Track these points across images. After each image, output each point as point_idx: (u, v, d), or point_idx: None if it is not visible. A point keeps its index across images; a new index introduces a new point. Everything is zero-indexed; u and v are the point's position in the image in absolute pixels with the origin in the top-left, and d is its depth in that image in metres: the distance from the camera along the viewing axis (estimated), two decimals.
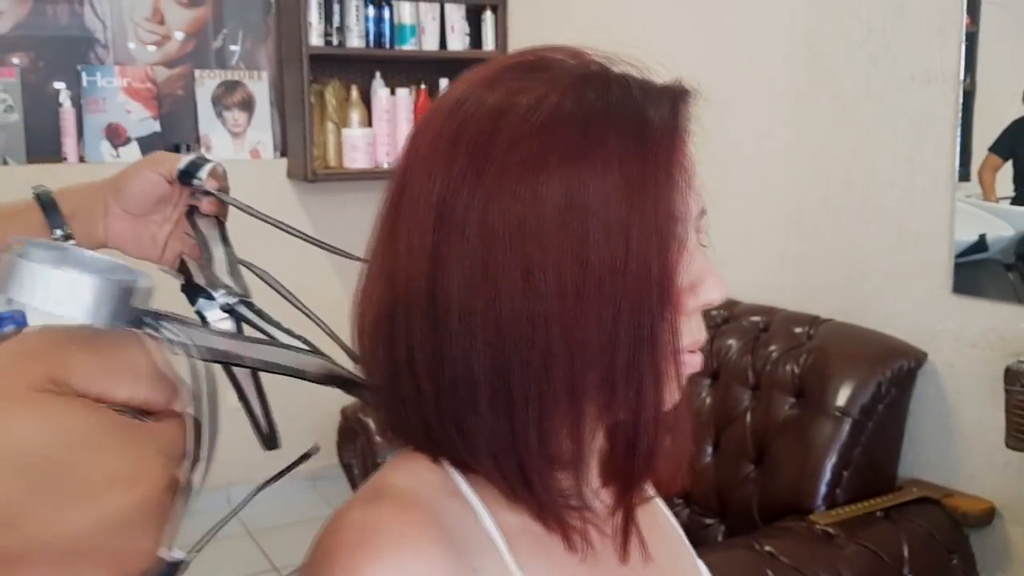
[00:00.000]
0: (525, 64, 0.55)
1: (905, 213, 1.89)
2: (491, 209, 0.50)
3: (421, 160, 0.54)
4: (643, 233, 0.49)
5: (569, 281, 0.49)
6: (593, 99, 0.51)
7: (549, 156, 0.50)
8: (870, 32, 1.93)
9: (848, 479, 1.77)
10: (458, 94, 0.55)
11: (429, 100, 3.17)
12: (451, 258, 0.51)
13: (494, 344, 0.50)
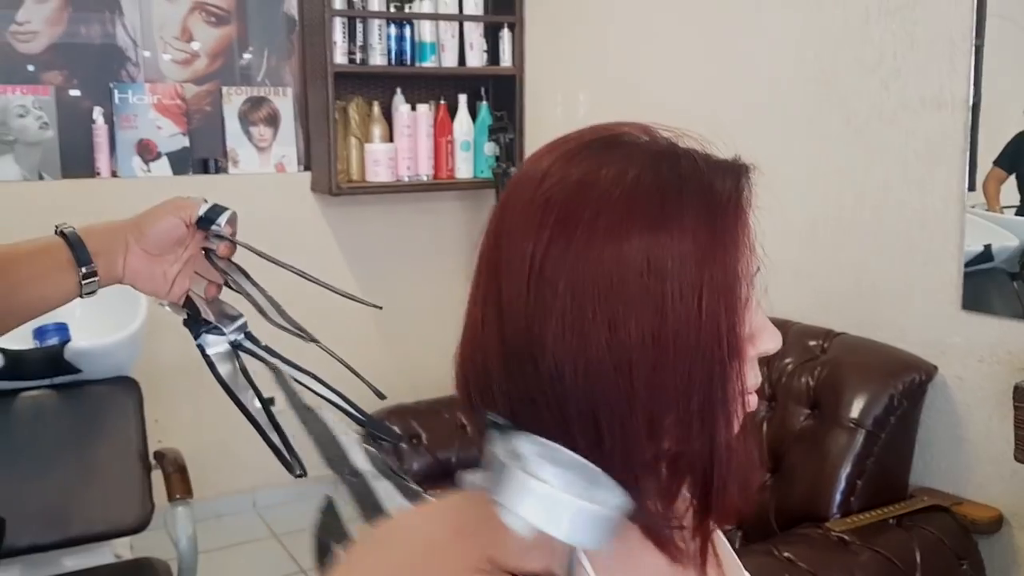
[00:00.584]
0: (603, 141, 0.63)
1: (916, 232, 1.97)
2: (580, 270, 0.58)
3: (513, 226, 0.62)
4: (713, 293, 0.57)
5: (649, 334, 0.57)
6: (666, 174, 0.59)
7: (630, 225, 0.58)
8: (882, 57, 2.01)
9: (862, 488, 1.85)
10: (543, 168, 0.63)
11: (448, 115, 3.25)
12: (544, 312, 0.59)
13: (584, 388, 0.58)
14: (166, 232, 0.87)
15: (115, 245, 0.86)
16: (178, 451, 2.17)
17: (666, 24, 2.59)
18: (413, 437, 2.53)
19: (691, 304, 0.57)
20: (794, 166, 2.23)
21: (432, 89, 3.29)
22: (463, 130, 3.27)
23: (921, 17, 1.92)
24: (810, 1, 2.15)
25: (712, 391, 0.58)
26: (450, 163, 3.27)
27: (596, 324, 0.57)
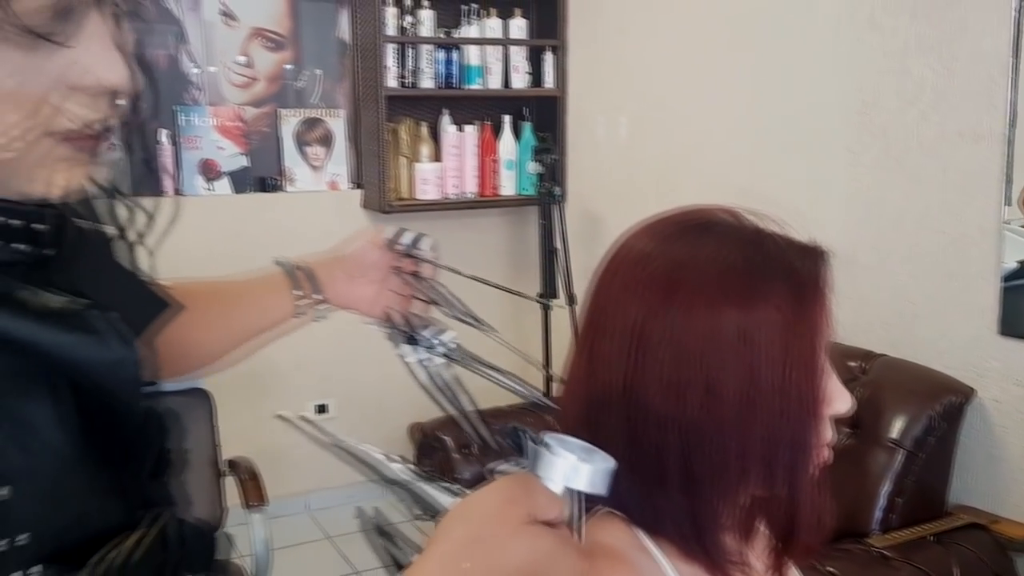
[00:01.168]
0: (698, 225, 0.73)
1: (953, 259, 2.05)
2: (680, 338, 0.68)
3: (617, 296, 0.72)
4: (796, 362, 0.67)
5: (741, 395, 0.67)
6: (755, 256, 0.70)
7: (725, 301, 0.68)
8: (921, 90, 2.09)
9: (902, 505, 1.93)
10: (643, 246, 0.73)
11: (493, 135, 3.37)
12: (646, 373, 0.69)
13: (681, 441, 0.68)
14: (361, 255, 0.99)
15: (324, 274, 0.99)
16: (250, 459, 2.29)
17: (707, 49, 2.69)
18: (463, 447, 2.64)
19: (778, 372, 0.67)
20: (833, 190, 2.31)
21: (478, 110, 3.40)
22: (507, 149, 3.38)
23: (960, 53, 2.00)
24: (851, 34, 2.24)
25: (794, 447, 0.68)
26: (495, 181, 3.38)
27: (694, 387, 0.68)
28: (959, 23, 1.99)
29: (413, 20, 3.17)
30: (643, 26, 2.95)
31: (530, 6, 3.37)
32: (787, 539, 0.72)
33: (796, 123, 2.41)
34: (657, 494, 0.70)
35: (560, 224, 3.18)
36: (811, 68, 2.36)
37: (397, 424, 3.37)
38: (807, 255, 0.71)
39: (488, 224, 3.50)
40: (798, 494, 0.69)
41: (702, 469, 0.69)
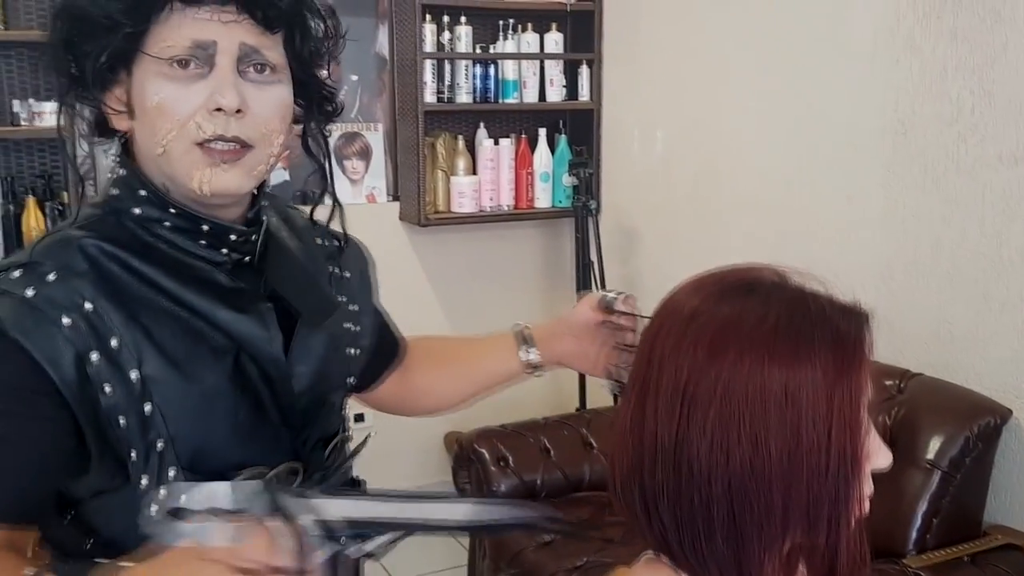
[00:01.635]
0: (745, 285, 0.77)
1: (991, 281, 2.06)
2: (727, 397, 0.72)
3: (667, 354, 0.76)
4: (839, 421, 0.71)
5: (786, 454, 0.71)
6: (799, 317, 0.73)
7: (770, 361, 0.71)
8: (959, 113, 2.10)
9: (937, 526, 1.94)
10: (693, 306, 0.77)
11: (529, 148, 3.41)
12: (694, 428, 0.73)
13: (728, 495, 0.72)
14: (582, 317, 1.06)
15: (552, 336, 1.07)
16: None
17: (744, 66, 2.70)
18: (500, 459, 2.68)
19: (821, 430, 0.70)
20: (871, 209, 2.32)
21: (514, 124, 3.45)
22: (543, 162, 3.42)
23: (999, 77, 2.01)
24: (890, 54, 2.25)
25: (836, 500, 0.71)
26: (530, 194, 3.42)
27: (740, 444, 0.71)
28: (999, 46, 2.00)
29: (451, 36, 3.22)
30: (679, 42, 2.97)
31: (566, 21, 3.41)
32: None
33: (833, 142, 2.42)
34: (704, 543, 0.74)
35: (595, 237, 3.21)
36: (849, 87, 2.37)
37: (434, 432, 3.43)
38: (850, 316, 0.75)
39: (523, 236, 3.55)
40: (838, 544, 0.73)
41: (747, 521, 0.72)
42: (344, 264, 1.06)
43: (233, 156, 0.86)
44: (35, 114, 2.84)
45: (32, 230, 2.86)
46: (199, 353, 0.87)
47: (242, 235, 0.90)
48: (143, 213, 0.88)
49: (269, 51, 0.87)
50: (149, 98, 0.84)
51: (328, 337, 0.98)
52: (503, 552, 2.42)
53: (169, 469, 0.86)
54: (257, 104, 0.86)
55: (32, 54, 2.90)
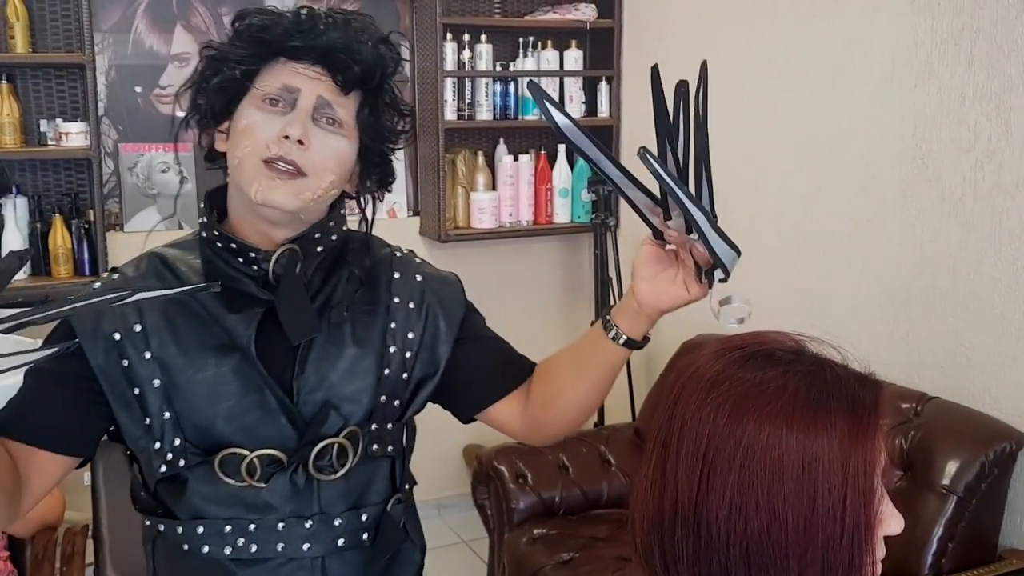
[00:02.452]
0: (763, 352, 0.80)
1: (1009, 307, 2.07)
2: (746, 465, 0.75)
3: (689, 418, 0.79)
4: (855, 490, 0.74)
5: (803, 521, 0.74)
6: (818, 388, 0.76)
7: (789, 431, 0.74)
8: (976, 139, 2.11)
9: (953, 550, 1.96)
10: (715, 372, 0.80)
11: (548, 164, 3.44)
12: (713, 494, 0.76)
13: (745, 559, 0.75)
14: (643, 257, 1.06)
15: (624, 300, 1.09)
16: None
17: (763, 87, 2.72)
18: (519, 477, 2.71)
19: (837, 499, 0.74)
20: (888, 233, 2.34)
21: (533, 140, 3.48)
22: (561, 178, 3.45)
23: (1016, 104, 2.02)
24: (908, 80, 2.27)
25: (849, 566, 0.74)
26: (549, 209, 3.46)
27: (759, 510, 0.74)
28: (1016, 75, 2.02)
29: (471, 54, 3.26)
30: (698, 60, 2.99)
31: (585, 38, 3.44)
32: None
33: (851, 166, 2.44)
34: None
35: (614, 252, 3.24)
36: (867, 112, 2.39)
37: (452, 444, 3.47)
38: (865, 385, 0.78)
39: (542, 251, 3.58)
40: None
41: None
42: (402, 293, 1.17)
43: (288, 176, 1.04)
44: (62, 134, 2.90)
45: (59, 248, 2.92)
46: (208, 348, 1.06)
47: (261, 254, 1.07)
48: (206, 235, 1.11)
49: (340, 108, 1.07)
50: (241, 122, 1.06)
51: (357, 353, 1.11)
52: (522, 571, 2.46)
53: (175, 438, 1.06)
54: (318, 143, 1.05)
55: (59, 75, 2.96)
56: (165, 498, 1.09)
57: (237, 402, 1.06)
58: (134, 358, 1.05)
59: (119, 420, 1.06)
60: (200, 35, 3.12)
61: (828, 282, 2.51)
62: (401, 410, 1.16)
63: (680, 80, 0.96)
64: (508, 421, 1.21)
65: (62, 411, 1.04)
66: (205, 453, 1.06)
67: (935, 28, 2.19)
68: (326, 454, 1.07)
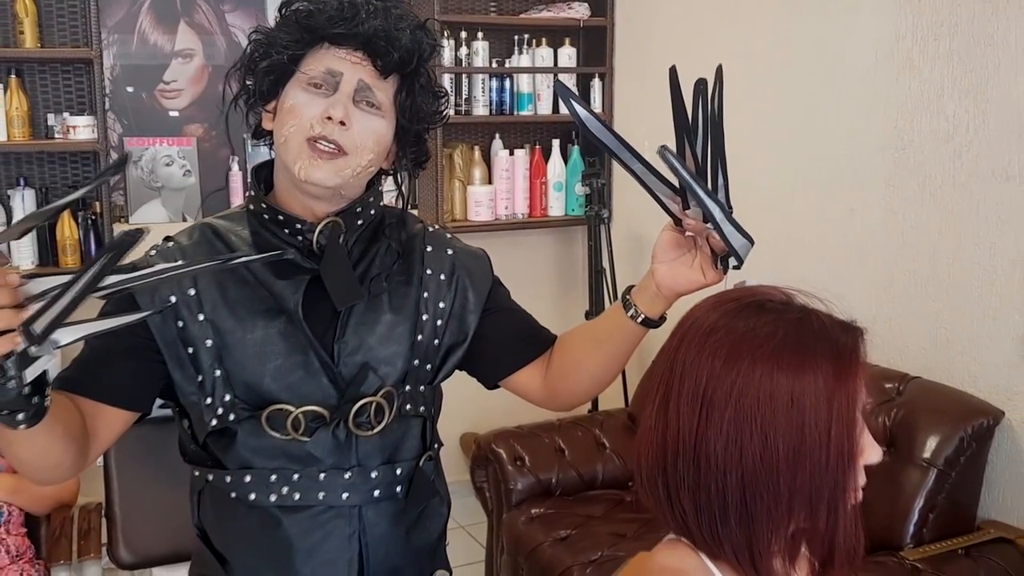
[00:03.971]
0: (756, 303, 0.89)
1: (986, 289, 2.17)
2: (741, 401, 0.84)
3: (689, 363, 0.87)
4: (838, 422, 0.82)
5: (791, 449, 0.83)
6: (804, 333, 0.85)
7: (779, 371, 0.83)
8: (955, 130, 2.22)
9: (933, 521, 2.06)
10: (712, 322, 0.89)
11: (543, 158, 3.53)
12: (712, 428, 0.85)
13: (740, 485, 0.84)
14: (663, 241, 1.12)
15: (643, 281, 1.16)
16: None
17: (751, 83, 2.82)
18: (517, 459, 2.80)
19: (822, 429, 0.82)
20: (872, 222, 2.44)
21: (528, 135, 3.57)
22: (556, 172, 3.54)
23: (993, 97, 2.12)
24: (890, 75, 2.37)
25: (834, 489, 0.83)
26: (544, 202, 3.55)
27: (752, 442, 0.83)
28: (992, 68, 2.12)
29: (468, 51, 3.35)
30: (687, 58, 3.09)
31: (579, 36, 3.53)
32: (826, 564, 0.87)
33: (836, 157, 2.54)
34: (720, 526, 0.86)
35: (607, 244, 3.33)
36: (851, 107, 2.49)
37: (450, 433, 3.55)
38: (847, 331, 0.87)
39: (537, 243, 3.67)
40: (836, 527, 0.84)
41: (757, 507, 0.84)
42: (434, 265, 1.25)
43: (329, 156, 1.11)
44: (69, 127, 2.97)
45: (66, 238, 2.99)
46: (256, 312, 1.15)
47: (307, 226, 1.15)
48: (253, 208, 1.19)
49: (379, 92, 1.14)
50: (287, 102, 1.13)
51: (393, 319, 1.20)
52: (520, 547, 2.54)
53: (226, 394, 1.14)
54: (359, 124, 1.12)
55: (65, 70, 3.03)
56: (215, 450, 1.17)
57: (283, 362, 1.14)
58: (188, 320, 1.13)
59: (173, 377, 1.14)
60: (203, 32, 3.20)
61: (814, 271, 2.61)
62: (432, 374, 1.24)
63: (699, 79, 1.03)
64: (529, 388, 1.30)
65: (124, 369, 1.12)
66: (253, 408, 1.14)
67: (916, 24, 2.30)
68: (364, 411, 1.15)
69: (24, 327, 0.81)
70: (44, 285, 0.85)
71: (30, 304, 0.83)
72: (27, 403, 0.87)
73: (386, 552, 1.19)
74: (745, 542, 0.86)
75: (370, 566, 1.18)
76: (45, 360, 0.85)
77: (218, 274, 1.15)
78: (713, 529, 0.86)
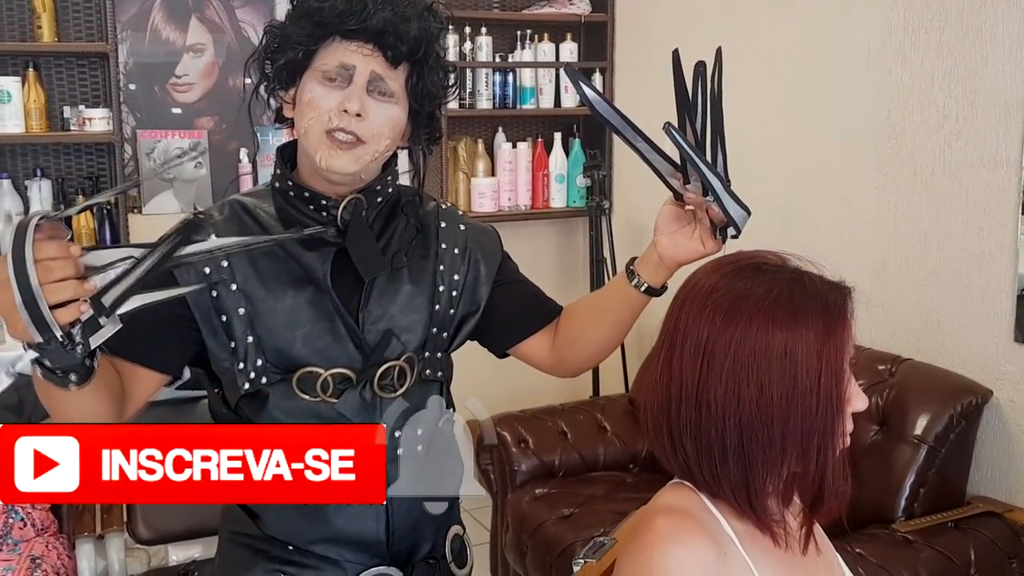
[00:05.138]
0: (752, 264, 0.97)
1: (975, 273, 2.25)
2: (739, 353, 0.92)
3: (691, 319, 0.95)
4: (827, 372, 0.90)
5: (785, 396, 0.91)
6: (796, 291, 0.93)
7: (773, 326, 0.91)
8: (945, 119, 2.30)
9: (924, 495, 2.14)
10: (713, 282, 0.97)
11: (545, 151, 3.61)
12: (712, 378, 0.93)
13: (738, 429, 0.92)
14: (665, 216, 1.20)
15: (645, 253, 1.24)
16: None
17: (748, 75, 2.90)
18: (521, 442, 2.87)
19: (813, 379, 0.91)
20: (864, 209, 2.52)
21: (530, 128, 3.66)
22: (557, 164, 3.62)
23: (981, 87, 2.21)
24: (882, 66, 2.45)
25: (824, 433, 0.91)
26: (546, 194, 3.63)
27: (749, 389, 0.91)
28: (981, 60, 2.20)
29: (472, 46, 3.42)
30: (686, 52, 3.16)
31: (580, 31, 3.61)
32: (815, 503, 0.95)
33: (830, 147, 2.62)
34: (719, 467, 0.94)
35: (608, 235, 3.41)
36: (844, 97, 2.57)
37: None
38: (836, 291, 0.95)
39: (539, 234, 3.75)
40: (825, 468, 0.93)
41: (754, 450, 0.92)
42: (448, 240, 1.33)
43: (348, 146, 1.17)
44: (85, 119, 3.04)
45: (81, 228, 3.07)
46: (285, 282, 1.21)
47: (331, 202, 1.22)
48: (279, 186, 1.25)
49: (391, 81, 1.19)
50: (305, 95, 1.19)
51: (412, 290, 1.27)
52: (525, 526, 2.62)
53: (257, 359, 1.21)
54: (374, 113, 1.18)
55: (81, 63, 3.11)
56: (247, 413, 1.24)
57: (312, 328, 1.21)
58: (222, 290, 1.20)
59: (207, 343, 1.21)
60: (214, 27, 3.27)
61: (810, 255, 2.69)
62: (448, 342, 1.33)
63: (698, 61, 1.11)
64: (537, 356, 1.38)
65: (160, 334, 1.18)
66: (284, 372, 1.21)
67: (907, 18, 2.38)
68: (388, 375, 1.23)
69: (95, 299, 0.89)
70: (104, 258, 0.92)
71: (91, 275, 0.91)
72: (82, 365, 0.95)
73: (409, 507, 1.27)
74: (742, 481, 0.94)
75: (395, 519, 1.26)
76: (110, 328, 0.93)
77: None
78: (713, 470, 0.94)
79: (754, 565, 0.94)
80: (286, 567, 1.25)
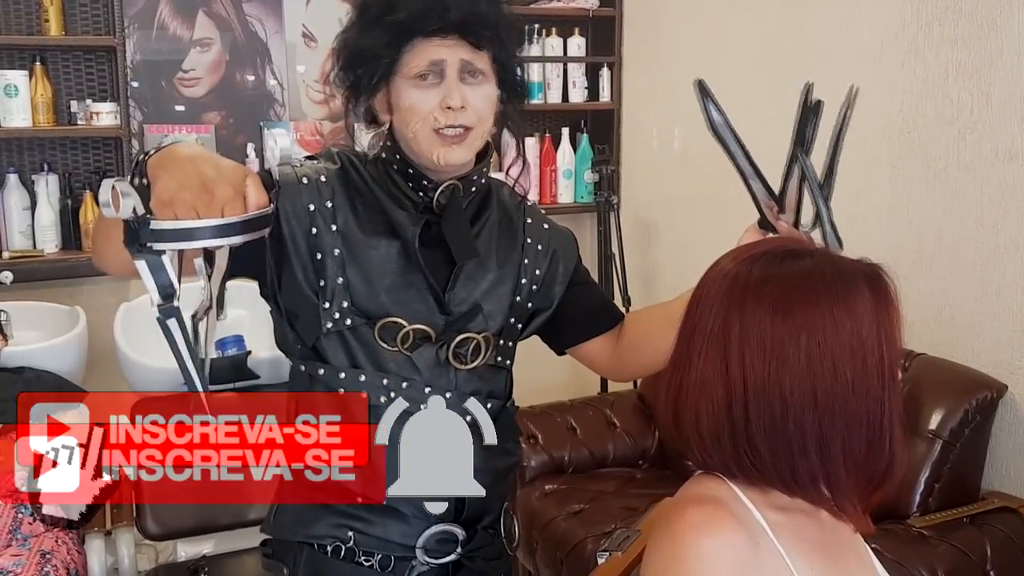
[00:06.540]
0: (788, 252, 0.96)
1: (989, 267, 2.24)
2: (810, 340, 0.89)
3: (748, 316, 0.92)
4: (890, 351, 0.91)
5: (855, 375, 0.89)
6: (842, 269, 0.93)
7: (836, 305, 0.91)
8: (959, 112, 2.28)
9: (939, 490, 2.12)
10: (735, 269, 0.95)
11: (552, 146, 3.60)
12: (785, 370, 0.90)
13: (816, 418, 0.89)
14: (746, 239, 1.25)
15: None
16: None
17: (758, 68, 2.89)
18: (530, 437, 2.86)
19: (879, 357, 0.90)
20: (878, 202, 2.51)
21: (538, 123, 3.64)
22: (565, 160, 3.61)
23: (996, 79, 2.19)
24: (895, 59, 2.43)
25: (892, 411, 0.91)
26: (554, 189, 3.61)
27: (823, 375, 0.89)
28: (996, 51, 2.19)
29: None
30: (695, 46, 3.16)
31: (588, 26, 3.59)
32: (882, 482, 0.94)
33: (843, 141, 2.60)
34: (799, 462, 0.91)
35: (616, 230, 3.40)
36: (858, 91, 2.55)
37: None
38: (863, 264, 0.95)
39: None
40: (895, 445, 0.92)
41: (832, 437, 0.90)
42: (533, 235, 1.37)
43: (459, 139, 1.22)
44: (92, 114, 3.03)
45: (88, 223, 3.05)
46: (380, 232, 1.25)
47: (432, 184, 1.26)
48: (385, 156, 1.28)
49: (479, 62, 1.23)
50: (403, 102, 1.22)
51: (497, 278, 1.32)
52: (535, 521, 2.61)
53: (344, 301, 1.24)
54: (473, 99, 1.22)
55: (88, 57, 3.10)
56: (325, 350, 1.25)
57: (399, 279, 1.25)
58: (322, 228, 1.23)
59: (295, 276, 1.23)
60: (221, 21, 3.26)
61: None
62: (519, 332, 1.36)
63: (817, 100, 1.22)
64: (598, 357, 1.42)
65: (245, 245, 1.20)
66: (367, 318, 1.24)
67: (920, 10, 2.36)
68: (465, 345, 1.26)
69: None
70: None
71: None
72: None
73: (484, 475, 1.28)
74: (822, 471, 0.91)
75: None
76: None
77: (351, 192, 1.26)
78: (792, 464, 0.91)
79: (787, 555, 0.93)
80: (353, 522, 1.26)
